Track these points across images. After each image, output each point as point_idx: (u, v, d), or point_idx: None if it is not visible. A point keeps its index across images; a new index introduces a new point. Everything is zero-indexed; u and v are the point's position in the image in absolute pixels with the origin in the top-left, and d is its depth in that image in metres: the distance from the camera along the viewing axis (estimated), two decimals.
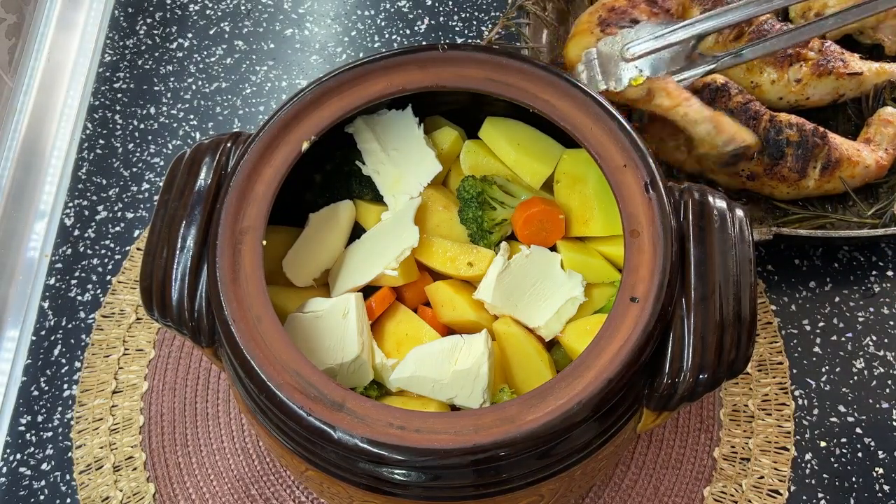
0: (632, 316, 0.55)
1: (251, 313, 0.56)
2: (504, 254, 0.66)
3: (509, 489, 0.55)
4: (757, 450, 0.79)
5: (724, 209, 0.60)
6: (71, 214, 0.93)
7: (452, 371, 0.61)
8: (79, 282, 0.89)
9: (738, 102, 0.83)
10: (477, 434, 0.52)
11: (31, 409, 0.83)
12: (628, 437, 0.60)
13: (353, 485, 0.56)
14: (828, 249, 0.88)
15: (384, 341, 0.65)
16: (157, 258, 0.60)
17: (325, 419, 0.53)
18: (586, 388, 0.53)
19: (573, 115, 0.62)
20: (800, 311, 0.85)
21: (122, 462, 0.80)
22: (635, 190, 0.59)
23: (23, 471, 0.81)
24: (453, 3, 1.04)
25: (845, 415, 0.80)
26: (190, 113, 0.98)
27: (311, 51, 1.02)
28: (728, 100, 0.83)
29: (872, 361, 0.83)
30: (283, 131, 0.62)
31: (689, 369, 0.56)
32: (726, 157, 0.81)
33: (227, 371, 0.60)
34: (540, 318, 0.64)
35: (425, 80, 0.64)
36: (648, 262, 0.57)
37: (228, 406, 0.82)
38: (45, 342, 0.86)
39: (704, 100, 0.83)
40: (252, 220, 0.59)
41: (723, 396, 0.81)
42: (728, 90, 0.83)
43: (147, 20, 1.04)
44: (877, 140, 0.85)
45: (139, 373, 0.84)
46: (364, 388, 0.63)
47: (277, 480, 0.79)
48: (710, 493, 0.77)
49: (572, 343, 0.64)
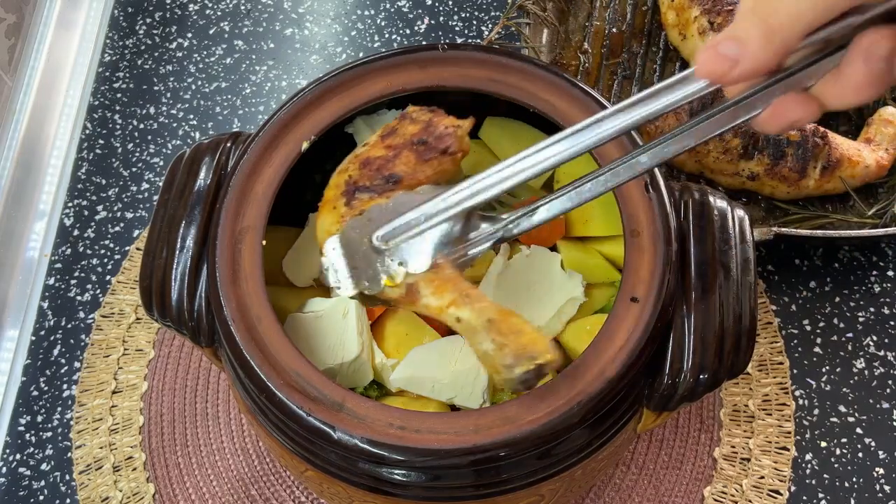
0: (632, 316, 0.55)
1: (251, 313, 0.56)
2: (504, 254, 0.66)
3: (509, 489, 0.55)
4: (757, 450, 0.79)
5: (725, 209, 0.60)
6: (71, 214, 0.93)
7: (452, 371, 0.61)
8: (78, 282, 0.89)
9: None
10: (477, 434, 0.52)
11: (31, 409, 0.83)
12: (628, 438, 0.60)
13: (353, 485, 0.56)
14: (828, 249, 0.88)
15: (384, 341, 0.65)
16: (156, 258, 0.60)
17: (324, 419, 0.53)
18: (586, 388, 0.53)
19: (574, 115, 0.62)
20: (800, 311, 0.85)
21: (121, 462, 0.80)
22: (635, 190, 0.59)
23: (22, 471, 0.81)
24: (453, 3, 1.04)
25: (846, 415, 0.80)
26: (190, 113, 0.98)
27: (311, 51, 1.02)
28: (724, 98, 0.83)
29: (873, 361, 0.82)
30: (283, 131, 0.62)
31: (690, 369, 0.56)
32: (514, 382, 0.52)
33: (227, 371, 0.60)
34: (540, 318, 0.64)
35: (425, 80, 0.64)
36: (648, 262, 0.57)
37: (228, 406, 0.82)
38: (45, 342, 0.86)
39: (704, 101, 0.83)
40: (252, 220, 0.59)
41: (723, 396, 0.81)
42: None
43: (147, 20, 1.04)
44: (877, 140, 0.85)
45: (139, 373, 0.84)
46: (364, 388, 0.63)
47: (277, 480, 0.79)
48: (710, 493, 0.77)
49: (572, 343, 0.64)
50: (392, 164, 0.59)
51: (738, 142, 0.83)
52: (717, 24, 0.89)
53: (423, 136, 0.60)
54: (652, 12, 0.98)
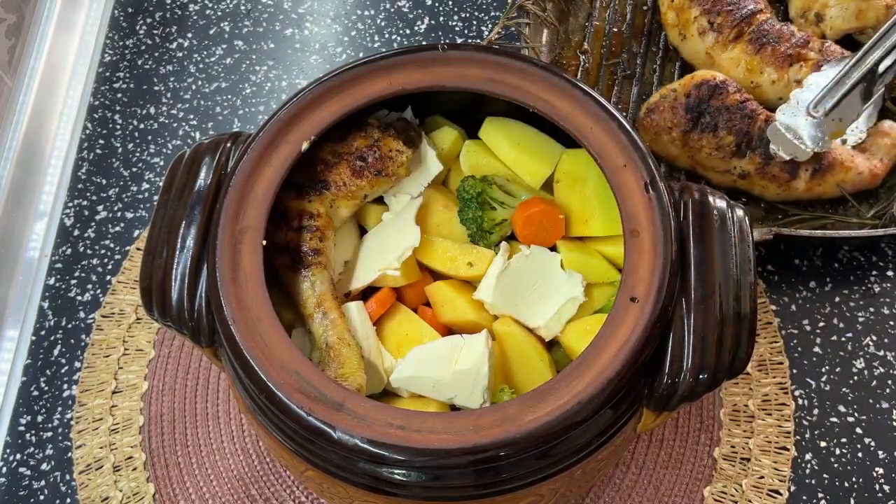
0: (632, 316, 0.55)
1: (251, 313, 0.56)
2: (504, 254, 0.66)
3: (509, 489, 0.55)
4: (757, 450, 0.79)
5: (724, 209, 0.60)
6: (71, 214, 0.93)
7: (453, 371, 0.61)
8: (79, 282, 0.89)
9: (735, 101, 0.83)
10: (477, 434, 0.52)
11: (31, 409, 0.83)
12: (628, 437, 0.60)
13: (353, 485, 0.56)
14: (828, 249, 0.88)
15: (384, 341, 0.65)
16: (156, 258, 0.60)
17: (324, 419, 0.53)
18: (586, 388, 0.53)
19: (573, 115, 0.62)
20: (800, 311, 0.85)
21: (121, 462, 0.80)
22: (635, 190, 0.59)
23: (23, 471, 0.81)
24: (453, 3, 1.04)
25: (845, 415, 0.80)
26: (190, 113, 0.98)
27: (311, 51, 1.02)
28: (725, 98, 0.83)
29: (872, 361, 0.83)
30: (283, 131, 0.62)
31: (689, 369, 0.56)
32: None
33: (227, 371, 0.60)
34: (540, 318, 0.64)
35: (425, 80, 0.64)
36: (648, 262, 0.57)
37: (228, 406, 0.82)
38: (45, 342, 0.86)
39: (701, 97, 0.83)
40: (252, 220, 0.59)
41: (723, 396, 0.81)
42: (726, 88, 0.83)
43: (147, 20, 1.04)
44: (872, 150, 0.85)
45: (139, 373, 0.84)
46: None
47: (277, 480, 0.79)
48: (710, 493, 0.77)
49: (572, 343, 0.64)
50: (327, 172, 0.65)
51: (732, 139, 0.83)
52: (716, 24, 0.89)
53: (364, 154, 0.65)
54: (652, 12, 0.98)
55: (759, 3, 0.90)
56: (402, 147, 0.66)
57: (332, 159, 0.65)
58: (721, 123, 0.83)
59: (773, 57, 0.86)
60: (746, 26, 0.88)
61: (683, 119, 0.84)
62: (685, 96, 0.84)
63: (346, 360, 0.59)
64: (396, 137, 0.66)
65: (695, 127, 0.84)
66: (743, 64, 0.88)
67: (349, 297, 0.66)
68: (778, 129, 0.80)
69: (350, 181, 0.65)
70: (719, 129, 0.83)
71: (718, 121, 0.83)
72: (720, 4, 0.89)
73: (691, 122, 0.84)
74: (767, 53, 0.87)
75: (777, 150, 0.80)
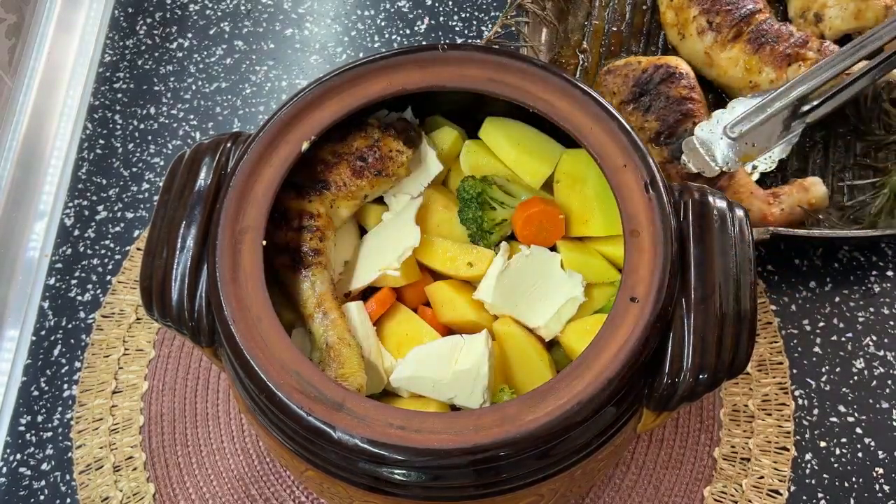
0: (632, 316, 0.55)
1: (251, 313, 0.56)
2: (504, 254, 0.66)
3: (509, 489, 0.55)
4: (757, 450, 0.79)
5: (724, 209, 0.60)
6: (71, 214, 0.93)
7: (453, 371, 0.61)
8: (79, 282, 0.89)
9: (679, 94, 0.84)
10: (477, 434, 0.52)
11: (31, 409, 0.83)
12: (628, 437, 0.60)
13: (353, 485, 0.56)
14: (828, 249, 0.88)
15: (384, 341, 0.65)
16: (157, 258, 0.60)
17: (324, 419, 0.53)
18: (586, 388, 0.53)
19: (573, 115, 0.62)
20: (800, 311, 0.85)
21: (122, 462, 0.80)
22: (635, 190, 0.59)
23: (23, 471, 0.81)
24: (453, 3, 1.04)
25: (845, 415, 0.80)
26: (190, 113, 0.98)
27: (311, 51, 1.02)
28: (673, 88, 0.84)
29: (872, 361, 0.83)
30: (283, 131, 0.62)
31: (689, 369, 0.56)
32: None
33: (227, 371, 0.60)
34: (540, 318, 0.64)
35: (425, 80, 0.64)
36: (648, 262, 0.57)
37: (228, 406, 0.82)
38: (45, 342, 0.86)
39: (653, 77, 0.84)
40: (252, 220, 0.59)
41: (723, 396, 0.81)
42: (679, 80, 0.84)
43: (147, 20, 1.04)
44: (782, 197, 0.83)
45: (139, 373, 0.84)
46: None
47: (277, 480, 0.79)
48: (710, 493, 0.77)
49: (572, 343, 0.64)
50: (327, 172, 0.65)
51: (655, 126, 0.84)
52: (715, 23, 0.89)
53: (364, 154, 0.65)
54: (651, 11, 0.99)
55: (758, 3, 0.90)
56: (402, 147, 0.66)
57: (332, 159, 0.65)
58: (654, 108, 0.84)
59: (771, 56, 0.86)
60: (745, 26, 0.88)
61: (627, 90, 0.85)
62: (642, 71, 0.85)
63: (347, 360, 0.59)
64: (396, 137, 0.66)
65: (632, 101, 0.85)
66: (741, 63, 0.88)
67: (349, 297, 0.66)
68: (693, 143, 0.82)
69: (350, 181, 0.65)
70: (650, 112, 0.84)
71: (654, 105, 0.84)
72: (719, 4, 0.89)
73: (631, 96, 0.85)
74: (766, 53, 0.87)
75: (687, 161, 0.82)
